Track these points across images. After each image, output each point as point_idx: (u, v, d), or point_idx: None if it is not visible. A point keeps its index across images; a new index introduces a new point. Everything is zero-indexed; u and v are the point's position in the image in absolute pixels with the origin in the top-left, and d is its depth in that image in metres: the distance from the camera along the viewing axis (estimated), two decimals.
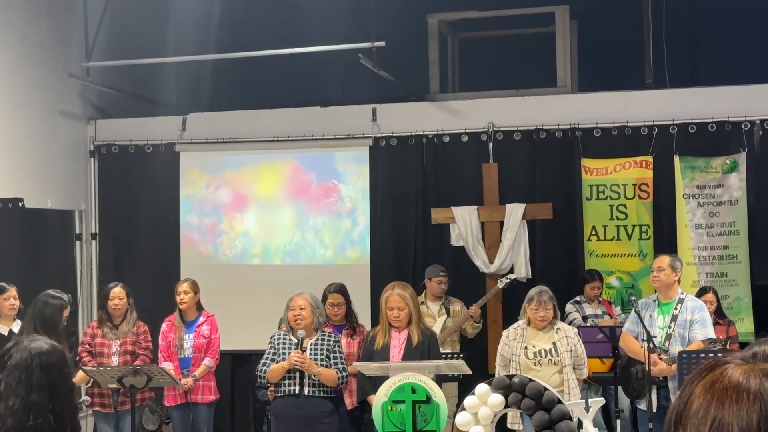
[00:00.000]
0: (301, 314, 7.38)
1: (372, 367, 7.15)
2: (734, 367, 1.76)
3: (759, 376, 1.73)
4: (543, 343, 7.56)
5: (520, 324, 7.71)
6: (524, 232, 10.13)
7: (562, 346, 7.52)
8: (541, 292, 7.63)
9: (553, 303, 7.60)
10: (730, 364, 1.78)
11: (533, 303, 7.58)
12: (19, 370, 3.69)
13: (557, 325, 7.65)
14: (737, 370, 1.75)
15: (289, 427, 7.30)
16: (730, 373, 1.74)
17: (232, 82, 11.82)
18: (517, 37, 11.72)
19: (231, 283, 10.64)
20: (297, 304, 7.42)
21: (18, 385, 3.66)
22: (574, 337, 7.61)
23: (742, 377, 1.73)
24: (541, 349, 7.54)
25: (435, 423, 6.75)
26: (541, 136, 10.21)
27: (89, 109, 11.22)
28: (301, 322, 7.36)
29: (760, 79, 10.09)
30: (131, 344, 8.57)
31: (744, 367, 1.76)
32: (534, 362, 7.51)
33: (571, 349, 7.53)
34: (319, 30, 10.44)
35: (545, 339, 7.58)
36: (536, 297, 7.58)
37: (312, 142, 10.67)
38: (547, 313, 7.54)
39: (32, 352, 3.74)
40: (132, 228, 11.04)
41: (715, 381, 1.74)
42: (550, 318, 7.57)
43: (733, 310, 9.51)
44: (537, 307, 7.54)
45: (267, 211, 10.80)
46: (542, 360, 7.52)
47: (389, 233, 10.52)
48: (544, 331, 7.60)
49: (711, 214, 9.74)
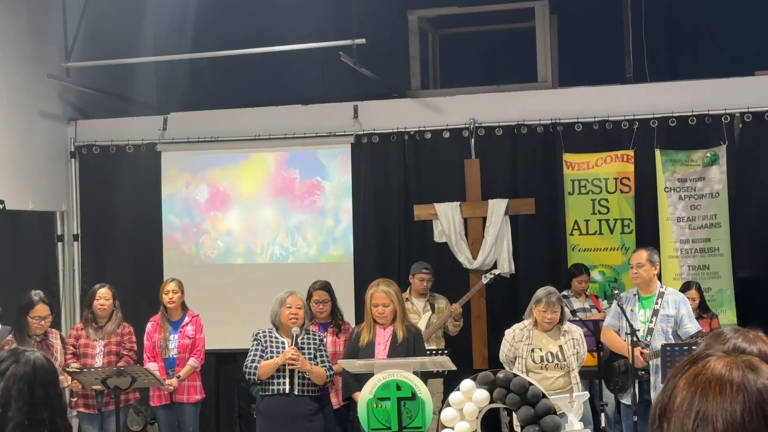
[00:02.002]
0: (298, 313, 7.42)
1: (357, 364, 7.15)
2: (716, 359, 1.77)
3: (741, 368, 1.75)
4: (550, 347, 7.48)
5: (526, 325, 7.60)
6: (507, 228, 10.14)
7: (569, 350, 7.44)
8: (550, 293, 7.51)
9: (561, 304, 7.52)
10: (712, 356, 1.79)
11: (542, 305, 7.46)
12: (22, 382, 3.68)
13: (564, 327, 7.55)
14: (719, 363, 1.76)
15: (276, 425, 7.30)
16: (712, 366, 1.75)
17: (213, 81, 11.78)
18: (498, 33, 11.73)
19: (214, 282, 10.62)
20: (294, 303, 7.45)
21: (20, 398, 3.65)
22: (579, 339, 7.53)
23: (725, 369, 1.74)
24: (548, 353, 7.46)
25: (420, 419, 6.75)
26: (523, 132, 10.23)
27: (69, 110, 11.16)
28: (296, 321, 7.38)
29: (739, 72, 10.14)
30: (116, 345, 8.55)
31: (726, 359, 1.77)
32: (540, 366, 7.44)
33: (577, 351, 7.47)
34: (299, 28, 10.43)
35: (552, 342, 7.49)
36: (545, 299, 7.46)
37: (293, 141, 10.65)
38: (555, 315, 7.45)
39: (36, 364, 3.73)
40: (114, 229, 10.99)
41: (698, 374, 1.75)
42: (557, 320, 7.49)
43: (716, 302, 9.55)
44: (545, 308, 7.44)
45: (249, 210, 10.77)
46: (548, 364, 7.44)
47: (372, 230, 10.52)
48: (550, 334, 7.51)
49: (692, 207, 9.78)
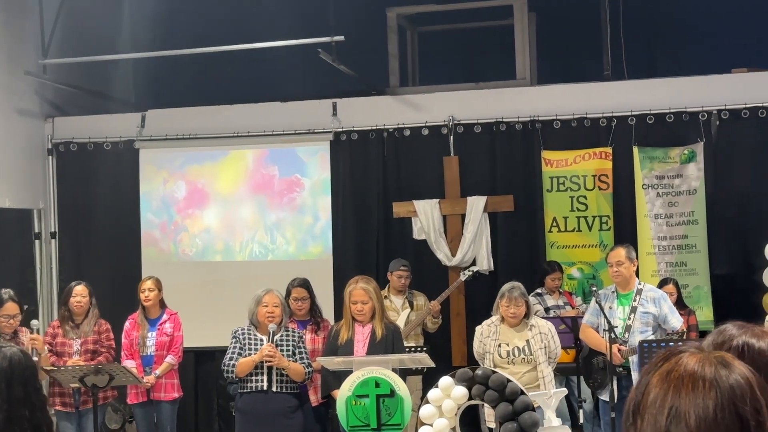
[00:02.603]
0: (275, 311, 7.43)
1: (335, 362, 7.15)
2: (689, 356, 1.79)
3: (714, 364, 1.76)
4: (516, 341, 7.52)
5: (494, 320, 7.66)
6: (486, 225, 10.16)
7: (536, 344, 7.47)
8: (513, 288, 7.56)
9: (525, 299, 7.54)
10: (684, 353, 1.81)
11: (504, 299, 7.53)
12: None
13: (531, 321, 7.58)
14: (692, 359, 1.77)
15: (254, 423, 7.29)
16: (685, 362, 1.77)
17: (191, 78, 11.73)
18: (476, 31, 11.75)
19: (193, 280, 10.59)
20: (271, 301, 7.45)
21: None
22: (548, 333, 7.55)
23: (698, 365, 1.75)
24: (514, 348, 7.50)
25: (399, 416, 6.76)
26: (502, 129, 10.25)
27: (46, 107, 11.11)
28: (273, 319, 7.39)
29: (716, 70, 10.20)
30: (92, 343, 8.51)
31: (699, 355, 1.79)
32: (507, 360, 7.47)
33: (545, 346, 7.49)
34: (278, 25, 10.40)
35: (519, 336, 7.53)
36: (507, 293, 7.52)
37: (272, 138, 10.64)
38: (518, 309, 7.48)
39: (12, 360, 3.69)
40: (92, 226, 10.95)
41: (671, 370, 1.76)
42: (522, 314, 7.51)
43: (693, 298, 9.60)
44: (508, 303, 7.50)
45: (228, 207, 10.75)
46: (515, 358, 7.47)
47: (351, 228, 10.52)
48: (517, 329, 7.55)
49: (670, 204, 9.82)
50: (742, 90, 9.77)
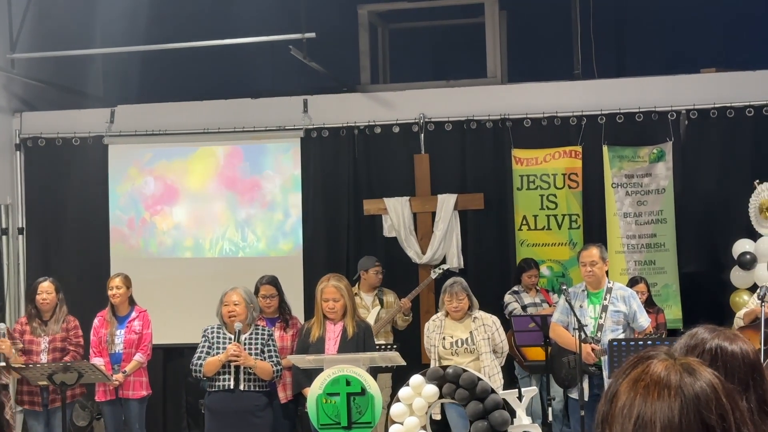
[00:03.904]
0: (235, 310, 7.36)
1: (306, 360, 7.15)
2: (657, 362, 1.80)
3: (679, 372, 1.77)
4: (460, 333, 7.77)
5: (439, 315, 7.95)
6: (456, 223, 10.19)
7: (479, 335, 7.71)
8: (454, 283, 7.87)
9: (466, 293, 7.82)
10: (653, 359, 1.82)
11: (446, 294, 7.83)
12: None
13: (474, 314, 7.84)
14: (660, 366, 1.79)
15: (223, 421, 7.26)
16: (652, 370, 1.78)
17: (161, 74, 11.66)
18: (447, 28, 11.77)
19: (162, 276, 10.53)
20: (231, 300, 7.38)
21: None
22: (492, 326, 7.81)
23: (664, 373, 1.77)
24: (457, 339, 7.74)
25: (370, 414, 6.77)
26: (472, 127, 10.27)
27: (14, 102, 11.00)
28: (235, 317, 7.33)
29: (685, 69, 10.28)
30: (61, 341, 8.45)
31: (666, 362, 1.80)
32: (450, 351, 7.72)
33: (488, 337, 7.71)
34: (249, 21, 10.36)
35: (462, 328, 7.79)
36: (448, 288, 7.85)
37: (243, 134, 10.60)
38: (460, 303, 7.75)
39: None
40: (60, 222, 10.87)
41: (638, 378, 1.78)
42: (464, 308, 7.78)
43: (662, 297, 9.66)
44: (450, 298, 7.79)
45: (198, 203, 10.71)
46: (458, 349, 7.72)
47: (321, 225, 10.50)
48: (460, 321, 7.80)
49: (639, 202, 9.89)
50: (711, 90, 9.85)
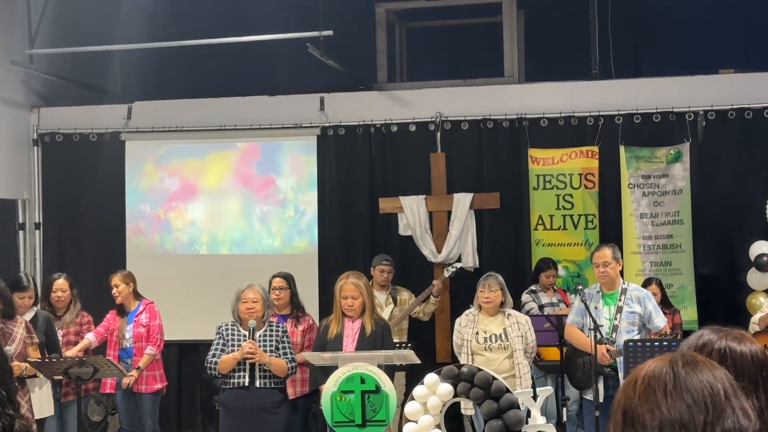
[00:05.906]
0: (254, 307, 7.38)
1: (321, 357, 7.15)
2: (652, 361, 1.86)
3: (672, 367, 1.81)
4: (494, 328, 7.69)
5: (472, 310, 7.86)
6: (471, 222, 10.17)
7: (513, 332, 7.64)
8: (489, 275, 7.87)
9: (500, 287, 7.74)
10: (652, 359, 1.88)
11: (480, 286, 7.79)
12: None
13: (508, 311, 7.78)
14: (653, 362, 1.83)
15: (238, 418, 7.27)
16: (646, 367, 1.83)
17: (179, 71, 11.68)
18: (465, 27, 11.75)
19: (178, 272, 10.56)
20: (249, 297, 7.39)
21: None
22: (525, 324, 7.75)
23: (651, 367, 1.81)
24: (491, 335, 7.67)
25: (384, 413, 6.76)
26: (489, 126, 10.26)
27: (32, 97, 11.05)
28: (253, 314, 7.35)
29: (703, 70, 10.23)
30: (74, 335, 8.49)
31: (661, 360, 1.84)
32: (484, 347, 7.64)
33: (522, 335, 7.65)
34: (266, 18, 10.37)
35: (496, 324, 7.71)
36: (482, 280, 7.82)
37: (259, 132, 10.61)
38: (492, 294, 7.69)
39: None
40: (76, 217, 10.91)
41: (635, 375, 1.84)
42: (497, 301, 7.71)
43: (677, 298, 9.63)
44: (482, 289, 7.74)
45: (214, 200, 10.72)
46: (492, 345, 7.63)
47: (337, 223, 10.51)
48: (494, 317, 7.72)
49: (655, 203, 9.85)
50: (729, 91, 9.81)
